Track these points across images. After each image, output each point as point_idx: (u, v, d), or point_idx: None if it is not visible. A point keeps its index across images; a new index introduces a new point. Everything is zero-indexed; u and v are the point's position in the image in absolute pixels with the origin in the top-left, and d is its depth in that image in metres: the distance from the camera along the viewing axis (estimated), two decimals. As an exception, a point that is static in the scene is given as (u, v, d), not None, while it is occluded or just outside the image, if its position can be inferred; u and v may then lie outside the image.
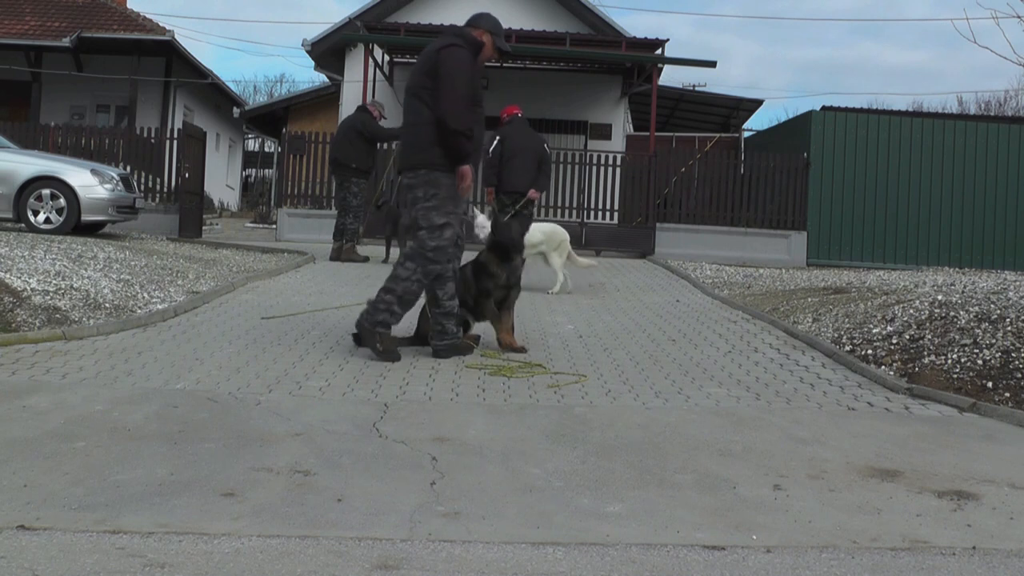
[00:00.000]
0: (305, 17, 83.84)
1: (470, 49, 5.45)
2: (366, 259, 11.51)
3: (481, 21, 5.61)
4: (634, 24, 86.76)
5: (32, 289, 6.39)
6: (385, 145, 13.51)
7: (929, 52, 77.06)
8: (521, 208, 9.56)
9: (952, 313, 5.96)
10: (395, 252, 11.53)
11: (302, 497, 3.18)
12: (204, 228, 16.43)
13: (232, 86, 29.82)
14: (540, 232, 9.00)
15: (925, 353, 5.50)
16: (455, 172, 5.42)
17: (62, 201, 10.96)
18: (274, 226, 17.72)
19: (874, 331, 6.11)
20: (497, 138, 9.64)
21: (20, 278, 6.59)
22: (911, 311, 6.25)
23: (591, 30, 18.14)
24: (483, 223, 8.99)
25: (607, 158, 15.73)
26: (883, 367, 5.53)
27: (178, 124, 19.05)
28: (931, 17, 79.49)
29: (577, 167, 15.91)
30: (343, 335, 6.16)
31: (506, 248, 5.86)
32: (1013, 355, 5.19)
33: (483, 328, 6.04)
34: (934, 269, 13.98)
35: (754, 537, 2.97)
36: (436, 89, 5.31)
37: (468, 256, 5.85)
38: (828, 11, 79.74)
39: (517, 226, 5.97)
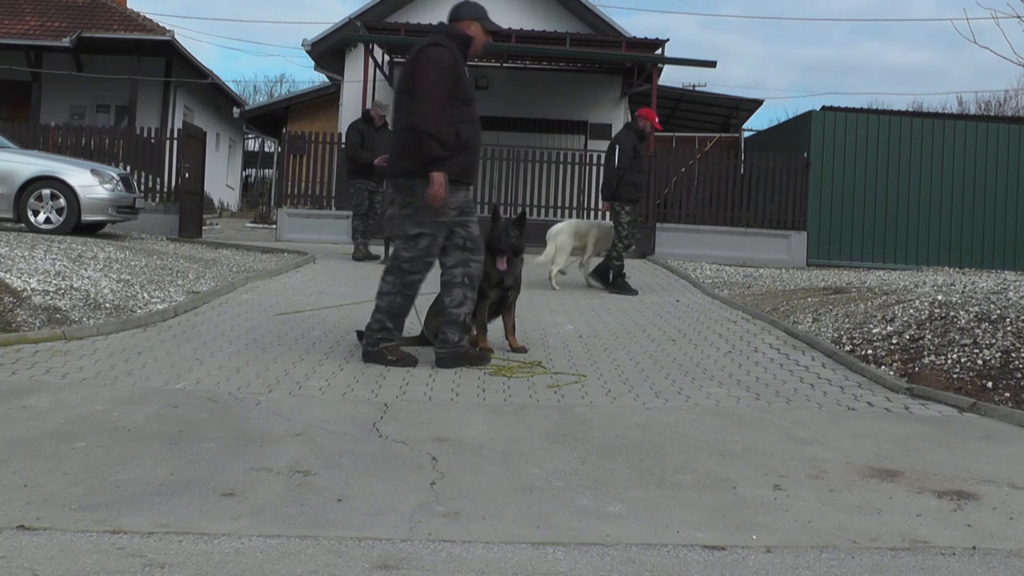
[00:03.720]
0: (306, 17, 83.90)
1: (457, 45, 5.27)
2: (376, 257, 11.86)
3: (464, 11, 5.40)
4: (635, 24, 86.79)
5: (32, 289, 6.39)
6: None
7: (931, 52, 77.12)
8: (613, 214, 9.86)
9: (952, 313, 5.96)
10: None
11: (302, 497, 3.18)
12: (204, 228, 16.42)
13: (232, 86, 29.87)
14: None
15: (925, 353, 5.50)
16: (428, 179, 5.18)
17: (62, 201, 10.96)
18: (274, 226, 17.72)
19: (874, 331, 6.11)
20: None
21: (20, 278, 6.59)
22: (911, 311, 6.25)
23: (591, 30, 18.14)
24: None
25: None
26: (883, 367, 5.53)
27: (178, 124, 19.05)
28: (933, 17, 79.55)
29: (577, 167, 15.91)
30: (343, 335, 6.17)
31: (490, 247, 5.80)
32: (1013, 355, 5.19)
33: (493, 329, 6.00)
34: (934, 269, 13.98)
35: (754, 537, 2.97)
36: (412, 91, 5.13)
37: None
38: (831, 11, 79.78)
39: (501, 227, 5.83)
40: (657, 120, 9.89)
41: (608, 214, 10.16)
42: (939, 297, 6.52)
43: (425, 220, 5.23)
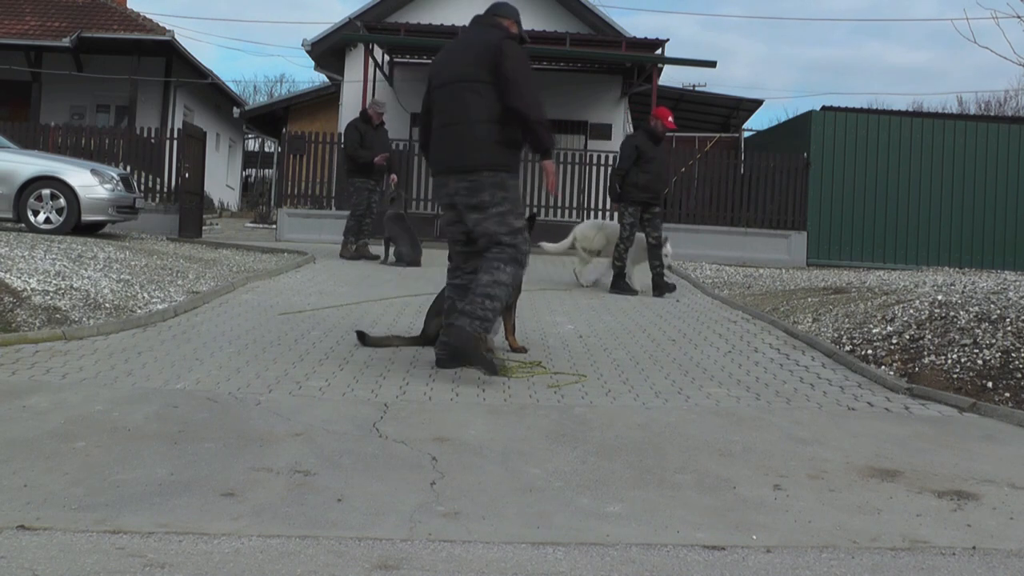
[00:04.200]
0: (306, 17, 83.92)
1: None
2: (375, 257, 11.87)
3: (508, 11, 5.33)
4: (636, 24, 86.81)
5: (32, 289, 6.39)
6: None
7: (932, 52, 77.18)
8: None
9: (952, 313, 5.96)
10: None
11: (302, 497, 3.18)
12: (204, 228, 16.43)
13: (232, 86, 29.90)
14: None
15: (925, 353, 5.50)
16: (516, 172, 5.19)
17: (62, 201, 10.97)
18: (274, 226, 17.73)
19: (874, 331, 6.11)
20: None
21: (20, 278, 6.59)
22: (911, 311, 6.25)
23: (591, 30, 18.13)
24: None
25: (607, 158, 15.73)
26: (883, 367, 5.53)
27: (178, 124, 19.06)
28: (933, 17, 79.52)
29: (577, 167, 15.91)
30: (343, 335, 6.17)
31: None
32: (1013, 355, 5.19)
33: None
34: (934, 269, 13.99)
35: (754, 537, 2.97)
36: (503, 83, 4.97)
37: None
38: (831, 11, 79.81)
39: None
40: (671, 119, 9.79)
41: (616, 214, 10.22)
42: (939, 297, 6.52)
43: (522, 211, 5.26)
